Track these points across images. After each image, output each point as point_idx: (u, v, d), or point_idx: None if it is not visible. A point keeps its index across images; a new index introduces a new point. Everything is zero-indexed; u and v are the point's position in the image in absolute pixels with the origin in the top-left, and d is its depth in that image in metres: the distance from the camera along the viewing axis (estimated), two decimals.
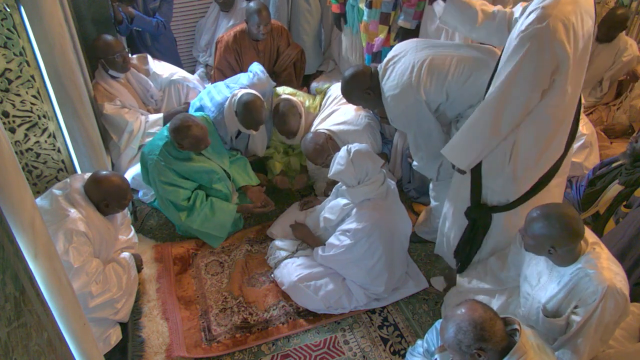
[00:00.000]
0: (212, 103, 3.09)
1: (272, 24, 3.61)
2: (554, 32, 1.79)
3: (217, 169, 2.90)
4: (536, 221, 1.86)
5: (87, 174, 2.47)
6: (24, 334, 1.17)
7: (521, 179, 2.11)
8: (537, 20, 1.81)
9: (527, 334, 1.69)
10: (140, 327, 2.48)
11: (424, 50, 2.33)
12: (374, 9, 3.18)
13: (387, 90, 2.36)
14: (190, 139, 2.70)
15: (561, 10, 1.79)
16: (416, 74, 2.26)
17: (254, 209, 3.04)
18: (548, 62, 1.84)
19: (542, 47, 1.82)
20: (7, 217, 1.23)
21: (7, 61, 2.38)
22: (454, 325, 1.64)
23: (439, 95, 2.30)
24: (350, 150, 2.43)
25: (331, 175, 2.49)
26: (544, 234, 1.83)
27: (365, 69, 2.47)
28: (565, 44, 1.81)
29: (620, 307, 1.79)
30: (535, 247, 1.90)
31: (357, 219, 2.46)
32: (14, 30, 2.31)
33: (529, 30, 1.82)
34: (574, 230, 1.80)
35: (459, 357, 1.68)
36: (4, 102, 2.50)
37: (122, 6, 3.56)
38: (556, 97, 1.92)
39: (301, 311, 2.56)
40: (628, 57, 3.63)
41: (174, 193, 2.79)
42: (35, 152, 2.72)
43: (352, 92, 2.51)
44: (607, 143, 3.47)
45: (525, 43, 1.83)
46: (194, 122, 2.71)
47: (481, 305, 1.66)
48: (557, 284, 1.92)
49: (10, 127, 2.58)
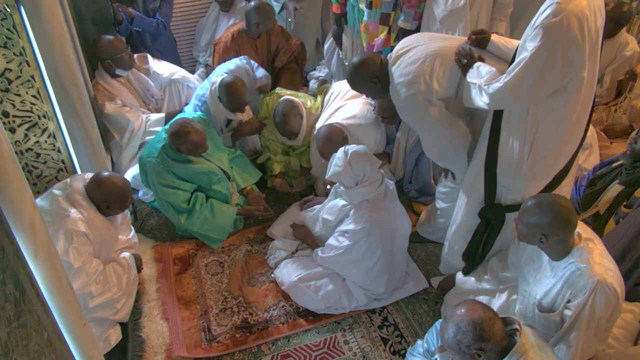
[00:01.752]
0: (197, 98, 3.16)
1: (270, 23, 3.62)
2: (568, 26, 1.79)
3: (216, 169, 2.90)
4: (529, 209, 1.89)
5: (87, 174, 2.47)
6: (24, 334, 1.17)
7: (539, 176, 2.11)
8: (552, 15, 1.81)
9: (527, 334, 1.69)
10: (140, 327, 2.48)
11: (436, 42, 2.32)
12: (374, 10, 3.18)
13: (397, 77, 2.31)
14: (188, 144, 2.70)
15: (576, 4, 1.80)
16: (429, 63, 2.23)
17: (255, 212, 3.04)
18: (560, 56, 1.84)
19: (556, 41, 1.82)
20: (7, 217, 1.24)
21: (7, 61, 2.38)
22: (454, 326, 1.64)
23: (450, 87, 2.27)
24: (348, 151, 2.43)
25: (329, 176, 2.49)
26: (536, 222, 1.86)
27: (375, 56, 2.42)
28: (579, 38, 1.81)
29: (610, 302, 1.79)
30: (527, 236, 1.93)
31: (355, 220, 2.46)
32: (14, 30, 2.31)
33: (544, 23, 1.82)
34: (565, 219, 1.82)
35: (458, 357, 1.68)
36: (4, 102, 2.50)
37: (122, 6, 3.56)
38: (575, 94, 1.93)
39: (301, 311, 2.56)
40: (630, 52, 3.64)
41: (173, 195, 2.79)
42: (35, 152, 2.72)
43: (358, 78, 2.45)
44: (607, 143, 3.47)
45: (540, 37, 1.83)
46: (193, 127, 2.71)
47: (480, 306, 1.66)
48: (551, 278, 1.94)
49: (10, 127, 2.58)
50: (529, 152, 2.07)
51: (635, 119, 3.57)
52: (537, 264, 2.04)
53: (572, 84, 1.91)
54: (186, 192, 2.82)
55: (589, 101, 2.02)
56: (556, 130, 2.01)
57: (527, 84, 1.90)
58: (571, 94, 1.93)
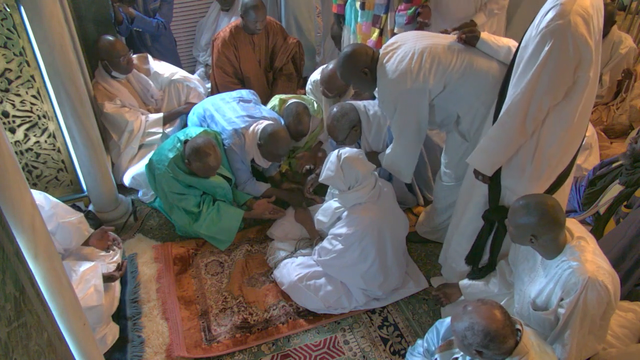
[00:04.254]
0: (229, 123, 2.99)
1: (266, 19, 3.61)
2: (575, 26, 1.79)
3: (223, 182, 2.92)
4: (516, 210, 1.91)
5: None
6: (24, 334, 1.17)
7: (544, 177, 2.10)
8: (557, 17, 1.80)
9: (528, 334, 1.70)
10: (140, 327, 2.48)
11: (425, 39, 2.33)
12: (366, 11, 3.20)
13: (384, 74, 2.31)
14: (202, 164, 2.71)
15: (580, 4, 1.79)
16: (417, 60, 2.24)
17: (266, 215, 3.01)
18: (572, 57, 1.83)
19: (565, 43, 1.81)
20: (7, 217, 1.24)
21: (7, 61, 2.39)
22: (469, 321, 1.65)
23: (438, 84, 2.27)
24: (341, 156, 2.43)
25: (322, 180, 2.51)
26: (524, 223, 1.87)
27: (367, 48, 2.42)
28: (587, 37, 1.80)
29: (602, 299, 1.79)
30: (518, 237, 1.94)
31: (347, 223, 2.47)
32: (14, 30, 2.32)
33: (550, 26, 1.81)
34: (552, 218, 1.83)
35: (458, 344, 1.73)
36: (4, 102, 2.50)
37: (122, 6, 3.56)
38: (580, 93, 1.92)
39: (301, 311, 2.56)
40: (625, 49, 3.66)
41: (185, 201, 2.81)
42: (35, 152, 2.72)
43: (349, 67, 2.40)
44: (607, 143, 3.47)
45: (548, 40, 1.82)
46: (215, 152, 2.72)
47: (504, 318, 1.65)
48: (544, 277, 1.94)
49: (10, 127, 2.58)
50: (533, 154, 2.06)
51: (635, 119, 3.58)
52: (531, 263, 2.04)
53: (579, 84, 1.91)
54: (196, 197, 2.85)
55: (591, 101, 2.02)
56: (560, 130, 2.00)
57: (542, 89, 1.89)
58: (576, 92, 1.92)
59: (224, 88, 3.56)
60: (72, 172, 2.88)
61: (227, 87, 3.56)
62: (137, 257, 2.83)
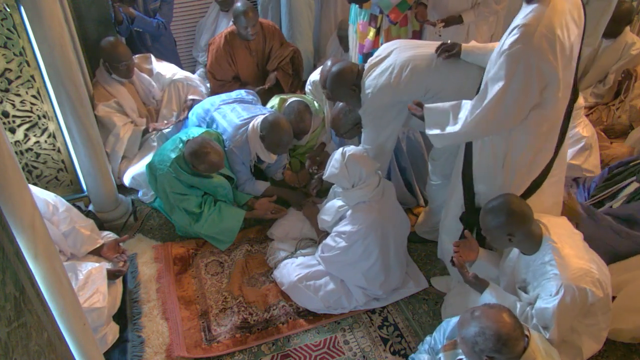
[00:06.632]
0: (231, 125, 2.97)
1: (263, 23, 3.60)
2: (539, 51, 1.76)
3: (224, 182, 2.92)
4: (484, 217, 1.97)
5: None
6: (24, 334, 1.17)
7: (514, 184, 2.11)
8: (520, 40, 1.77)
9: (535, 339, 1.70)
10: (140, 327, 2.48)
11: (407, 51, 2.34)
12: (364, 10, 3.20)
13: (365, 88, 2.36)
14: (206, 164, 2.71)
15: (545, 24, 1.75)
16: (396, 75, 2.27)
17: (268, 215, 3.00)
18: (535, 81, 1.83)
19: (529, 68, 1.79)
20: (7, 217, 1.24)
21: (7, 61, 2.39)
22: (479, 326, 1.63)
23: (418, 89, 2.30)
24: (345, 153, 2.44)
25: (326, 177, 2.52)
26: (495, 225, 1.93)
27: (353, 65, 2.46)
28: (551, 61, 1.78)
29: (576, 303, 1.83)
30: (497, 241, 2.00)
31: (351, 221, 2.47)
32: (14, 30, 2.32)
33: (513, 50, 1.79)
34: (519, 212, 1.89)
35: (466, 352, 1.69)
36: (4, 102, 2.50)
37: (122, 6, 3.55)
38: (548, 107, 1.93)
39: (301, 311, 2.56)
40: (636, 51, 3.63)
41: (186, 201, 2.81)
42: (35, 152, 2.73)
43: (339, 86, 2.45)
44: (607, 143, 3.47)
45: (511, 64, 1.81)
46: (212, 147, 2.72)
47: (513, 322, 1.64)
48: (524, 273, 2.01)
49: (10, 127, 2.59)
50: (502, 162, 2.08)
51: (635, 119, 3.57)
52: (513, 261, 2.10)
53: (547, 101, 1.91)
54: (197, 197, 2.85)
55: (562, 110, 2.01)
56: (527, 141, 2.01)
57: (505, 110, 1.89)
58: (545, 108, 1.93)
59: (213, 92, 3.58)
60: (72, 172, 2.88)
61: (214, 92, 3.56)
62: (137, 257, 2.83)
